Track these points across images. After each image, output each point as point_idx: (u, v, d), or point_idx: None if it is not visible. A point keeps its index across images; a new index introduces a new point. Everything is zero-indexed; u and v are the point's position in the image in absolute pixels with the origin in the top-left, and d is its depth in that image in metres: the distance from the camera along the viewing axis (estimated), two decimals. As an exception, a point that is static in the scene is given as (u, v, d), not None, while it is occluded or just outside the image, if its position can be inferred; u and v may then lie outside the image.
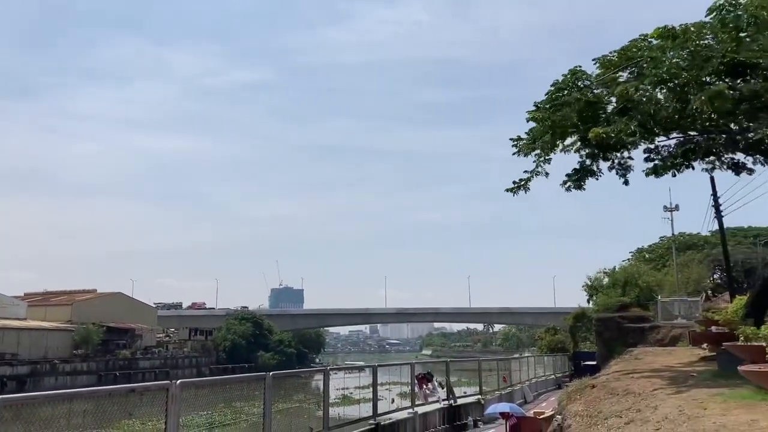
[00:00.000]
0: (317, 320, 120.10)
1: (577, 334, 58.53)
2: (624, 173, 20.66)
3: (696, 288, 53.70)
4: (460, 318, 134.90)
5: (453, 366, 28.24)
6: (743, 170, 21.82)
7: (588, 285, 61.61)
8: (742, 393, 12.21)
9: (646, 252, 76.29)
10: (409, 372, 21.43)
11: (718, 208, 41.10)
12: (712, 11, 16.70)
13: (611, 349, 37.72)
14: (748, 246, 67.62)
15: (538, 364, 41.71)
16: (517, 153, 19.90)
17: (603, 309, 47.43)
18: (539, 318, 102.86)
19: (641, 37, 18.03)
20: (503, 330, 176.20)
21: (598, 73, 18.65)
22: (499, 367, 31.69)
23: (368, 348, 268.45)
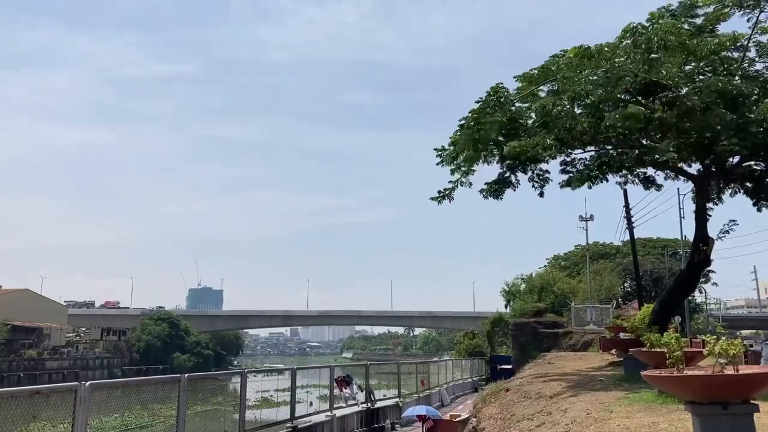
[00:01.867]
0: (236, 322, 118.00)
1: (494, 339, 59.93)
2: (541, 185, 21.38)
3: (608, 295, 56.03)
4: (381, 321, 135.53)
5: (373, 369, 28.40)
6: (653, 185, 23.01)
7: (506, 290, 63.21)
8: (645, 397, 12.86)
9: (562, 259, 78.94)
10: (328, 375, 21.41)
11: (629, 219, 43.11)
12: (627, 32, 17.56)
13: (526, 354, 38.82)
14: (656, 256, 71.11)
15: (456, 367, 42.44)
16: (440, 163, 20.32)
17: (519, 314, 48.78)
18: (459, 322, 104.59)
19: (561, 52, 18.72)
20: (424, 333, 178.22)
21: (520, 86, 19.25)
22: (418, 371, 32.06)
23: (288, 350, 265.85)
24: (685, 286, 23.34)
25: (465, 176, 20.44)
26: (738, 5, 17.09)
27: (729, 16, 17.46)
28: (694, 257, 21.04)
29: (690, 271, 22.27)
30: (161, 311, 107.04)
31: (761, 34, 17.96)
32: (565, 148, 19.62)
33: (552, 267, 73.92)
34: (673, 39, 16.47)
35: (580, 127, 17.62)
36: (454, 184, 20.65)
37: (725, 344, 6.74)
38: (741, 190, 21.01)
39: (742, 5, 17.02)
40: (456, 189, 20.72)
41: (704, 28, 17.67)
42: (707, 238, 20.36)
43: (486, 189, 20.84)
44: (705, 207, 20.46)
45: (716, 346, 6.74)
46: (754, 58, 18.58)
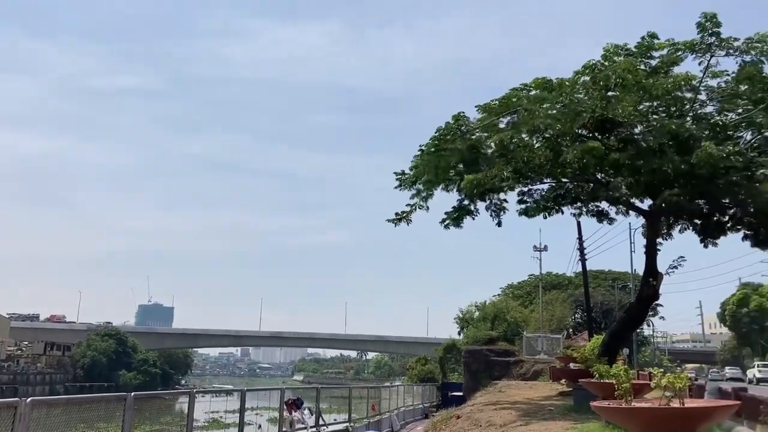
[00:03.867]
0: (186, 340, 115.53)
1: (446, 365, 59.93)
2: (498, 213, 21.68)
3: (559, 325, 56.72)
4: (334, 344, 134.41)
5: (324, 392, 28.05)
6: (606, 219, 23.54)
7: (460, 317, 63.43)
8: (593, 427, 13.02)
9: (516, 288, 79.71)
10: (278, 397, 21.07)
11: (582, 251, 43.93)
12: (587, 68, 18.10)
13: (478, 381, 38.90)
14: (607, 288, 72.40)
15: (408, 393, 42.17)
16: (399, 187, 20.47)
17: (472, 341, 48.91)
18: (412, 347, 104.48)
19: (522, 86, 19.16)
20: (376, 358, 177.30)
21: (481, 117, 19.59)
22: (369, 395, 31.78)
23: (238, 371, 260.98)
24: (634, 318, 23.84)
25: (423, 200, 20.63)
26: (691, 49, 17.78)
27: (682, 59, 18.14)
28: (643, 291, 21.54)
29: (639, 304, 22.77)
30: (109, 327, 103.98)
31: (712, 78, 18.69)
32: (523, 179, 19.99)
33: (506, 295, 74.55)
34: (630, 77, 17.03)
35: (538, 160, 17.97)
36: (412, 207, 20.81)
37: (672, 378, 6.90)
38: (689, 227, 21.64)
39: (695, 50, 17.71)
40: (414, 212, 20.89)
41: (659, 69, 18.31)
42: (656, 272, 20.88)
43: (446, 218, 21.05)
44: (655, 242, 21.00)
45: (663, 380, 6.90)
46: (705, 100, 19.32)
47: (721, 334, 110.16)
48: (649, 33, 18.31)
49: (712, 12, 17.33)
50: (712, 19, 17.32)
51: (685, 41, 17.90)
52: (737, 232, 20.81)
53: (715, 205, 19.95)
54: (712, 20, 17.32)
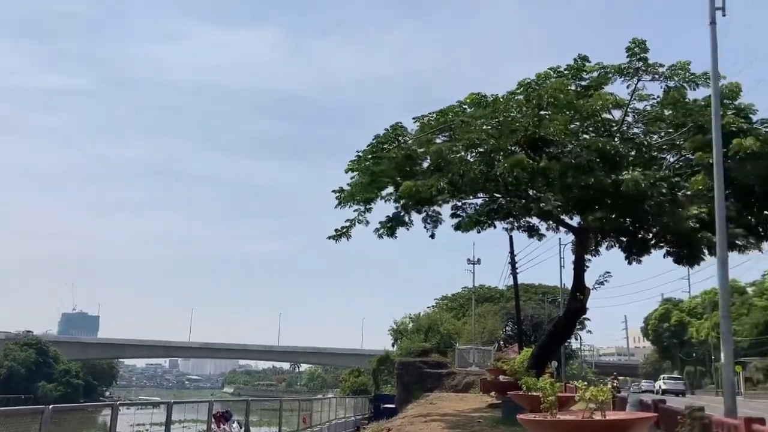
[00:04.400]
0: (112, 351, 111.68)
1: (379, 377, 59.98)
2: (434, 225, 21.96)
3: (490, 338, 57.57)
4: (267, 356, 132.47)
5: (254, 405, 27.59)
6: (536, 234, 24.17)
7: (394, 329, 63.65)
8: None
9: (450, 300, 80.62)
10: (207, 410, 20.60)
11: (514, 265, 44.88)
12: (521, 87, 18.59)
13: (410, 393, 39.08)
14: (537, 302, 74.07)
15: (340, 405, 41.93)
16: (338, 205, 20.49)
17: (406, 353, 49.13)
18: (346, 359, 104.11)
19: (458, 102, 19.51)
20: (309, 370, 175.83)
21: (418, 129, 19.84)
22: (301, 408, 31.43)
23: (166, 383, 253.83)
24: (562, 332, 24.49)
25: (362, 214, 20.71)
26: (620, 73, 18.52)
27: (611, 81, 18.84)
28: (571, 305, 22.18)
29: (566, 318, 23.43)
30: (28, 336, 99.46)
31: (638, 101, 19.50)
32: (458, 192, 20.31)
33: (440, 307, 75.27)
34: (561, 97, 17.58)
35: (473, 174, 18.29)
36: (351, 222, 20.85)
37: (595, 391, 7.10)
38: (616, 244, 22.42)
39: (623, 73, 18.45)
40: (353, 227, 20.93)
41: (590, 91, 18.98)
42: (584, 287, 21.54)
43: (380, 227, 21.16)
44: (583, 258, 21.67)
45: (587, 393, 7.09)
46: (632, 122, 20.12)
47: (644, 348, 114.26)
48: (581, 55, 18.99)
49: (642, 38, 18.12)
50: (640, 44, 18.09)
51: (614, 65, 18.63)
52: (660, 250, 21.70)
53: (639, 224, 20.75)
54: (641, 46, 18.09)
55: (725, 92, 18.49)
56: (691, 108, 18.69)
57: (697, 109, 18.47)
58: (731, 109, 18.68)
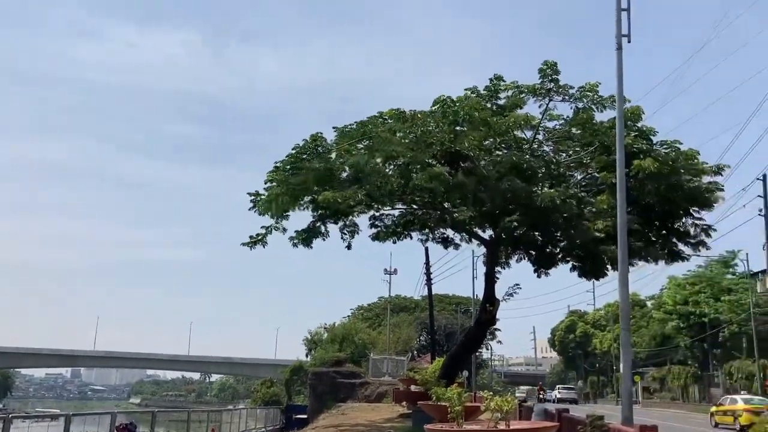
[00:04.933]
0: (6, 360, 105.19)
1: (292, 388, 59.37)
2: (351, 236, 22.03)
3: (404, 347, 58.08)
4: (176, 366, 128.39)
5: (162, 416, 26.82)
6: (451, 245, 24.66)
7: (308, 339, 63.18)
8: (428, 449, 13.41)
9: (366, 310, 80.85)
10: (109, 422, 19.83)
11: (429, 275, 45.62)
12: (437, 103, 18.98)
13: (322, 403, 38.85)
14: (451, 312, 75.42)
15: (251, 416, 41.26)
16: (253, 209, 20.19)
17: (319, 363, 48.83)
18: (258, 369, 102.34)
19: (378, 114, 19.69)
20: (220, 380, 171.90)
21: (338, 140, 19.88)
22: (210, 419, 30.78)
23: (67, 394, 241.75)
24: (472, 342, 25.05)
25: (278, 222, 20.50)
26: (533, 93, 19.21)
27: (525, 102, 19.53)
28: (482, 316, 22.74)
29: (477, 328, 24.00)
30: None
31: (549, 120, 20.29)
32: (375, 204, 20.48)
33: (355, 317, 75.35)
34: (476, 115, 18.06)
35: (390, 186, 18.49)
36: (267, 229, 20.59)
37: (500, 400, 7.31)
38: (525, 257, 23.16)
39: (536, 93, 19.15)
40: (269, 235, 20.67)
41: (505, 110, 19.60)
42: (494, 298, 22.12)
43: (296, 237, 21.01)
44: (494, 270, 22.28)
45: (492, 402, 7.29)
46: (542, 140, 20.91)
47: (551, 358, 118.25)
48: (496, 75, 19.60)
49: (553, 60, 18.89)
50: (552, 66, 18.84)
51: (528, 85, 19.32)
52: (566, 264, 22.60)
53: (548, 237, 21.55)
54: (553, 67, 18.85)
55: (628, 114, 19.52)
56: (597, 129, 19.61)
57: (603, 130, 19.40)
58: (634, 131, 19.73)
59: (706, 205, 20.01)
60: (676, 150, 19.74)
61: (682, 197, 19.34)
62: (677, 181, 18.98)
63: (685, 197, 19.41)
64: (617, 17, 14.41)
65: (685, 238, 20.92)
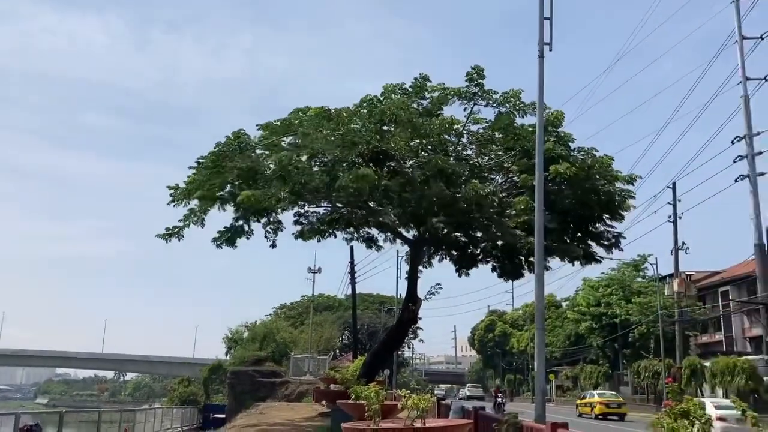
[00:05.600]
0: None
1: (210, 386, 58.28)
2: (275, 234, 21.75)
3: (327, 346, 57.99)
4: (90, 364, 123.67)
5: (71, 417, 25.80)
6: (375, 245, 24.74)
7: (228, 337, 62.17)
8: (346, 447, 13.41)
9: (288, 309, 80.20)
10: (12, 423, 18.89)
11: (353, 274, 45.72)
12: (364, 102, 18.99)
13: (242, 403, 38.36)
14: (374, 311, 75.80)
15: (166, 416, 40.25)
16: (172, 202, 19.64)
17: (239, 362, 48.17)
18: (176, 368, 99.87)
19: (304, 108, 19.53)
20: (135, 379, 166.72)
21: (263, 134, 19.58)
22: (123, 419, 29.80)
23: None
24: (394, 340, 25.23)
25: (197, 215, 20.02)
26: (459, 95, 19.49)
27: (450, 102, 19.77)
28: (404, 314, 22.93)
29: (399, 326, 24.19)
30: None
31: (473, 124, 20.64)
32: (300, 201, 20.30)
33: (277, 316, 74.64)
34: (402, 115, 18.17)
35: (315, 184, 18.37)
36: (185, 222, 20.05)
37: (417, 399, 7.38)
38: (447, 257, 23.53)
39: (462, 96, 19.44)
40: (187, 228, 20.14)
41: (432, 112, 19.80)
42: (416, 297, 22.36)
43: (218, 237, 20.61)
44: (416, 269, 22.51)
45: (409, 401, 7.35)
46: (467, 143, 21.25)
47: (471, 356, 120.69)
48: (422, 75, 19.75)
49: (480, 66, 19.21)
50: (479, 71, 19.16)
51: (454, 88, 19.57)
52: (487, 264, 23.11)
53: (470, 238, 21.96)
54: (479, 72, 19.16)
55: (550, 119, 20.09)
56: (519, 132, 20.09)
57: (524, 134, 19.90)
58: (554, 136, 20.33)
59: (618, 212, 20.85)
60: (592, 156, 20.47)
61: (596, 202, 20.07)
62: (592, 186, 19.68)
63: (599, 202, 20.15)
64: (540, 25, 14.79)
65: (599, 240, 21.76)
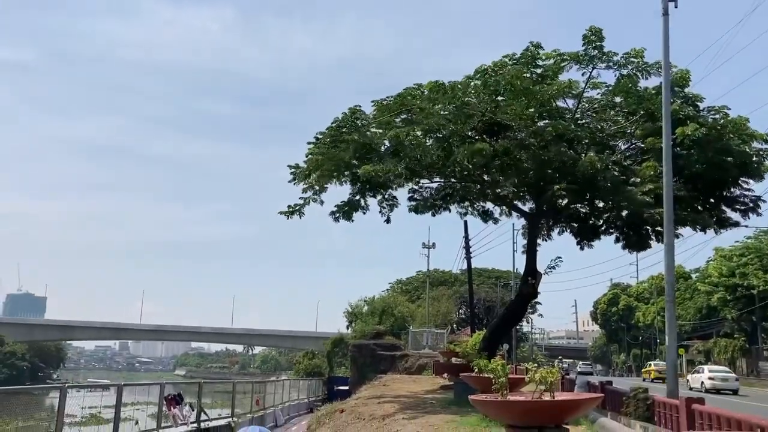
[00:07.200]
0: (60, 332, 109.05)
1: (333, 359, 60.10)
2: (389, 210, 22.01)
3: (444, 321, 58.19)
4: (220, 338, 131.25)
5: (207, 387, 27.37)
6: (491, 218, 24.45)
7: (349, 311, 63.74)
8: (472, 420, 13.47)
9: (404, 284, 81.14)
10: (158, 392, 20.34)
11: (468, 249, 45.39)
12: (478, 73, 18.65)
13: (364, 375, 39.28)
14: (490, 286, 75.13)
15: (293, 387, 41.94)
16: (293, 180, 20.29)
17: (360, 336, 49.28)
18: (300, 342, 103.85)
19: (416, 85, 19.48)
20: (263, 352, 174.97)
21: (376, 114, 19.77)
22: (254, 390, 31.31)
23: (116, 365, 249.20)
24: (514, 315, 24.89)
25: (317, 194, 20.59)
26: (576, 60, 18.72)
27: (567, 68, 19.05)
28: (523, 289, 22.53)
29: (518, 301, 23.80)
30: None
31: (592, 89, 19.78)
32: (414, 177, 20.37)
33: (394, 291, 75.67)
34: (518, 84, 17.70)
35: (430, 159, 18.36)
36: (305, 200, 20.70)
37: (545, 372, 7.23)
38: (567, 230, 22.85)
39: (579, 61, 18.66)
40: (307, 205, 20.79)
41: (545, 78, 19.15)
42: (536, 271, 21.90)
43: (336, 210, 21.08)
44: (535, 243, 22.02)
45: (536, 374, 7.22)
46: (586, 109, 20.42)
47: (593, 331, 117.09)
48: (534, 43, 19.09)
49: (598, 27, 18.33)
50: (596, 32, 18.30)
51: (570, 52, 18.82)
52: (610, 236, 22.21)
53: (591, 209, 21.18)
54: (597, 34, 18.30)
55: (676, 79, 18.90)
56: (642, 95, 19.05)
57: (648, 96, 18.85)
58: (680, 98, 19.13)
59: (756, 173, 19.36)
60: (724, 116, 19.10)
61: (731, 164, 18.73)
62: (725, 146, 18.37)
63: (734, 163, 18.79)
64: (664, -20, 13.89)
65: (734, 204, 20.31)
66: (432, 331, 48.27)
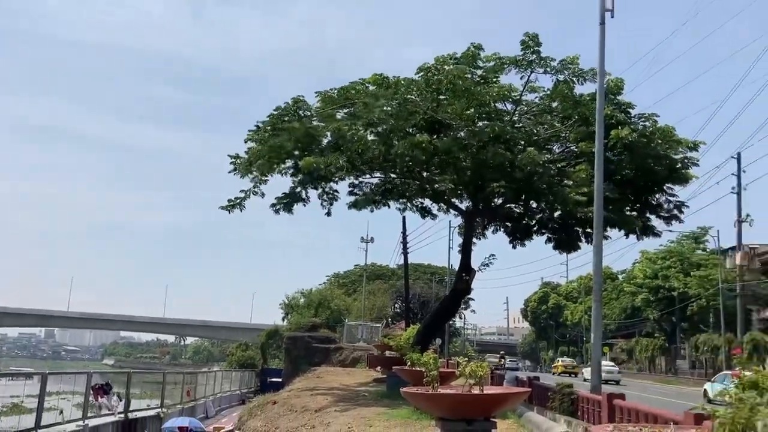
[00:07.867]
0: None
1: (267, 351, 59.72)
2: (330, 203, 22.09)
3: (379, 314, 58.63)
4: (152, 328, 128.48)
5: (136, 377, 26.89)
6: (429, 215, 24.85)
7: (285, 303, 63.45)
8: (403, 413, 13.72)
9: (341, 277, 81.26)
10: (84, 382, 19.87)
11: (405, 244, 45.85)
12: (421, 71, 18.91)
13: (298, 367, 39.23)
14: (426, 282, 76.01)
15: (225, 379, 41.54)
16: (234, 171, 20.12)
17: (295, 328, 49.18)
18: (234, 333, 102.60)
19: (360, 80, 19.59)
20: (195, 343, 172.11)
21: (319, 106, 19.79)
22: (185, 381, 30.91)
23: (41, 353, 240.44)
24: (447, 310, 25.38)
25: (257, 185, 20.48)
26: (514, 64, 19.19)
27: (506, 71, 19.50)
28: (457, 285, 23.01)
29: (452, 297, 24.30)
30: None
31: (530, 93, 20.32)
32: (355, 171, 20.51)
33: (331, 284, 75.70)
34: (459, 83, 18.03)
35: (371, 153, 18.51)
36: (246, 193, 20.57)
37: (475, 366, 7.49)
38: (501, 229, 23.42)
39: (518, 65, 19.13)
40: (248, 198, 20.66)
41: (488, 80, 19.57)
42: (470, 268, 22.39)
43: (277, 203, 21.03)
44: (470, 240, 22.50)
45: (467, 368, 7.47)
46: (524, 112, 20.97)
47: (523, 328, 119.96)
48: (474, 44, 19.47)
49: (534, 32, 18.84)
50: (533, 38, 18.80)
51: (510, 56, 19.27)
52: (542, 236, 22.91)
53: (525, 209, 21.78)
54: (534, 39, 18.80)
55: (610, 87, 19.61)
56: (578, 101, 19.69)
57: (584, 102, 19.50)
58: (613, 104, 19.86)
59: (682, 179, 20.30)
60: (653, 123, 19.94)
61: (659, 169, 19.58)
62: (653, 152, 19.19)
63: (662, 169, 19.65)
64: (601, -9, 14.40)
65: (659, 211, 21.26)
66: (367, 324, 48.62)
